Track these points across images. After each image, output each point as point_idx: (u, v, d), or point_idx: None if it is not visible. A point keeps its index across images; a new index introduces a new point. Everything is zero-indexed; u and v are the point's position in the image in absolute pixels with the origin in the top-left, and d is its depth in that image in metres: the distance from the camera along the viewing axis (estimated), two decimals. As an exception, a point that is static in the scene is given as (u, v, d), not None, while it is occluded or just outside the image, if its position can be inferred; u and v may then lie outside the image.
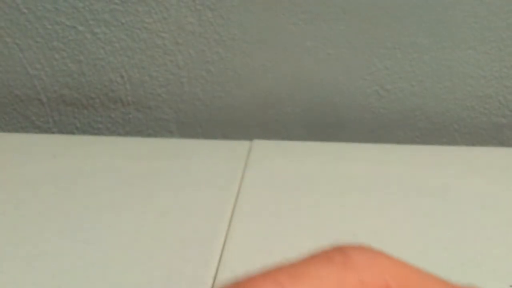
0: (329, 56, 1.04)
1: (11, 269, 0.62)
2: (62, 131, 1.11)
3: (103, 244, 0.67)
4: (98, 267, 0.62)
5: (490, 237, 0.69)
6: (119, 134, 1.11)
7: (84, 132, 1.11)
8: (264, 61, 1.05)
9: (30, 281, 0.60)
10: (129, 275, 0.61)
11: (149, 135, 1.11)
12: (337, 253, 0.23)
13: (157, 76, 1.06)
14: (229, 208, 0.75)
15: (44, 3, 1.02)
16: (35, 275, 0.61)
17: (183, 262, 0.63)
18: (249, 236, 0.69)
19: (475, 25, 1.00)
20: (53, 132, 1.11)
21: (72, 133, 1.11)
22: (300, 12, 1.01)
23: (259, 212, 0.74)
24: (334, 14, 1.01)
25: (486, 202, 0.77)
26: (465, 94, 1.05)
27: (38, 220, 0.72)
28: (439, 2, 0.99)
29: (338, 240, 0.70)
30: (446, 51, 1.02)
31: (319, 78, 1.05)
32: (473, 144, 1.09)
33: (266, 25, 1.03)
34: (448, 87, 1.05)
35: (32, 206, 0.75)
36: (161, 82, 1.07)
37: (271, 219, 0.72)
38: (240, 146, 0.95)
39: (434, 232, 0.70)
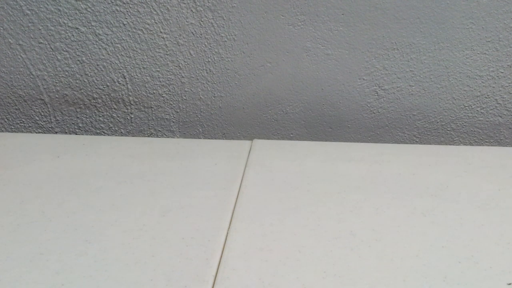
0: (328, 57, 1.04)
1: (14, 267, 0.62)
2: (64, 130, 1.12)
3: (105, 243, 0.67)
4: (101, 265, 0.63)
5: (487, 235, 0.70)
6: (121, 134, 1.12)
7: (86, 131, 1.12)
8: (264, 61, 1.06)
9: (33, 279, 0.61)
10: (131, 274, 0.62)
11: (150, 135, 1.12)
12: None
13: (159, 76, 1.07)
14: (230, 207, 0.76)
15: (46, 4, 1.03)
16: (38, 273, 0.62)
17: (184, 261, 0.64)
18: (249, 235, 0.69)
19: (472, 26, 1.01)
20: (55, 132, 1.12)
21: (75, 132, 1.12)
22: (299, 14, 1.02)
23: (259, 212, 0.75)
24: (333, 15, 1.02)
25: (483, 201, 0.78)
26: (462, 94, 1.06)
27: (41, 219, 0.73)
28: (436, 3, 1.00)
29: (338, 239, 0.71)
30: (444, 51, 1.03)
31: (318, 78, 1.06)
32: (470, 143, 1.09)
33: (266, 26, 1.04)
34: (446, 87, 1.05)
35: (35, 205, 0.76)
36: (162, 82, 1.08)
37: (271, 218, 0.73)
38: (240, 146, 0.96)
39: (432, 230, 0.70)
